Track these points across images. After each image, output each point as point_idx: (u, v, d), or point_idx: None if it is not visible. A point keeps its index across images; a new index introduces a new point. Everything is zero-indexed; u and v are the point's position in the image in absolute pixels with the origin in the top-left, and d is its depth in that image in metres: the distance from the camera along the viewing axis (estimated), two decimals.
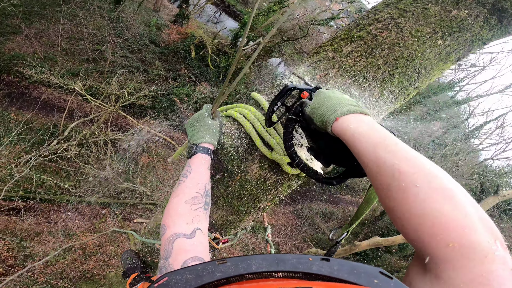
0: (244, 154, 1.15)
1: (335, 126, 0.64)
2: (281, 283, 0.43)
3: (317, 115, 0.70)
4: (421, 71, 0.96)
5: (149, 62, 10.80)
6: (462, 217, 0.43)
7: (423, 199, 0.46)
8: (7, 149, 6.46)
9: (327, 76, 1.01)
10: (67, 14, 10.04)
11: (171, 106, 9.09)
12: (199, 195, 0.86)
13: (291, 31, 12.08)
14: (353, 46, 0.97)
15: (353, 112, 0.64)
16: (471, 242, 0.41)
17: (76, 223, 7.71)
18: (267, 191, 1.30)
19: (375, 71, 0.97)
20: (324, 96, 0.72)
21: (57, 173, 8.00)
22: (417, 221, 0.46)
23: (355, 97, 1.03)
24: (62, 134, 7.48)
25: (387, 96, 1.04)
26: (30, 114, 8.04)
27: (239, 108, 1.14)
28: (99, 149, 7.54)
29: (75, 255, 6.84)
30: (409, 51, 0.91)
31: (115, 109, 6.42)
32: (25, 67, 8.28)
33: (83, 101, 8.71)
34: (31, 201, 6.65)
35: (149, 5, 13.36)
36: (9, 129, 7.10)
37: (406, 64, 0.93)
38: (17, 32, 9.63)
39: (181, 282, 0.43)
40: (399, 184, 0.49)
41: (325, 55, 1.02)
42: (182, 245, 0.72)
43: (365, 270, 0.42)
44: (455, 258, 0.41)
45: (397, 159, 0.51)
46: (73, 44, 10.16)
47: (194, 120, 1.03)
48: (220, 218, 1.42)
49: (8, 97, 8.46)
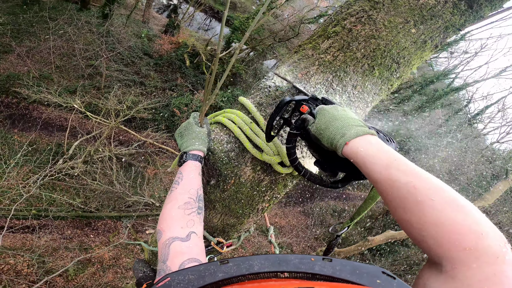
0: (235, 158, 1.17)
1: (346, 150, 0.67)
2: (283, 283, 0.43)
3: (325, 137, 0.72)
4: (400, 60, 0.97)
5: (144, 74, 10.86)
6: (475, 224, 0.48)
7: (439, 210, 0.51)
8: (14, 170, 6.58)
9: (308, 74, 1.03)
10: (56, 31, 10.14)
11: (171, 117, 9.14)
12: (192, 200, 0.89)
13: (282, 31, 12.11)
14: (330, 42, 0.98)
15: (362, 134, 0.67)
16: (484, 245, 0.46)
17: (91, 238, 7.81)
18: (263, 192, 1.31)
19: (355, 65, 0.98)
20: (329, 117, 0.73)
21: (67, 191, 8.13)
22: (435, 229, 0.51)
23: (338, 92, 1.04)
24: (67, 153, 7.59)
25: (370, 88, 1.05)
26: (33, 135, 8.16)
27: (227, 113, 1.16)
28: (104, 165, 7.63)
29: (93, 269, 6.93)
30: (384, 42, 0.92)
31: (116, 124, 6.50)
32: (22, 87, 8.39)
33: (84, 118, 8.81)
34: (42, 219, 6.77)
35: (137, 17, 13.45)
36: (14, 151, 7.22)
37: (383, 55, 0.94)
38: (9, 51, 9.73)
39: (183, 283, 0.43)
40: (416, 199, 0.54)
41: (304, 53, 1.04)
42: (178, 248, 0.75)
43: (368, 270, 0.43)
44: (470, 260, 0.46)
45: (410, 177, 0.57)
46: (67, 61, 10.25)
47: (183, 129, 1.06)
48: (220, 222, 1.43)
49: (9, 119, 8.59)
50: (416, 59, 0.99)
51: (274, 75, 1.12)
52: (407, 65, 1.00)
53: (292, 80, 1.05)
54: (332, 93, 1.03)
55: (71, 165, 7.28)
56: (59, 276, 6.36)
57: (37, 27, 10.22)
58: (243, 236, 1.62)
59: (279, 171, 1.17)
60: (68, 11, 10.64)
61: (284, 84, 1.07)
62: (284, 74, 1.06)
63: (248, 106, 1.11)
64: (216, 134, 1.15)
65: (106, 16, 10.82)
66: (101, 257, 7.18)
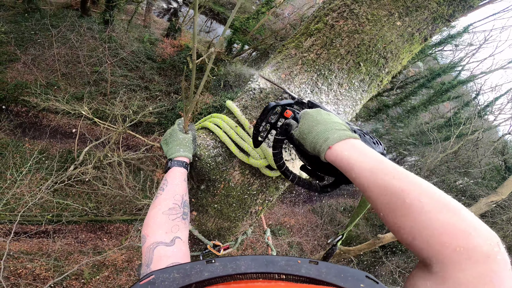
0: (223, 162, 1.15)
1: (329, 155, 0.66)
2: (269, 285, 0.43)
3: (307, 142, 0.70)
4: (387, 55, 0.93)
5: (149, 79, 10.94)
6: (465, 224, 0.48)
7: (428, 211, 0.50)
8: (27, 178, 6.77)
9: (291, 74, 0.99)
10: (59, 38, 10.28)
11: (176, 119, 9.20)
12: (176, 205, 0.89)
13: (283, 30, 12.04)
14: (313, 39, 0.95)
15: (344, 138, 0.65)
16: (474, 245, 0.46)
17: (104, 241, 7.97)
18: (255, 196, 1.28)
19: (339, 62, 0.94)
20: (312, 121, 0.72)
21: (79, 196, 8.31)
22: (425, 231, 0.50)
23: (324, 91, 1.00)
24: (77, 159, 7.75)
25: (358, 85, 1.01)
26: (44, 142, 8.36)
27: (213, 118, 1.14)
28: (114, 170, 7.76)
29: (107, 272, 7.06)
30: (369, 36, 0.87)
31: (124, 130, 6.59)
32: (30, 95, 8.58)
33: (92, 125, 8.96)
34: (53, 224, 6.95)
35: (138, 22, 13.55)
36: (25, 159, 7.42)
37: (369, 50, 0.90)
38: (15, 59, 9.90)
39: (168, 280, 0.42)
40: (404, 201, 0.53)
41: (287, 53, 1.01)
42: (162, 252, 0.75)
43: (352, 274, 0.43)
44: (461, 260, 0.46)
45: (396, 179, 0.55)
46: (72, 68, 10.37)
47: (167, 136, 1.06)
48: (214, 226, 1.42)
49: (19, 127, 8.81)
50: (405, 52, 0.94)
51: (259, 77, 1.09)
52: (396, 60, 0.95)
53: (276, 81, 1.02)
54: (317, 92, 1.00)
55: (82, 171, 7.44)
56: (75, 280, 6.52)
57: (40, 35, 10.39)
58: (240, 238, 1.60)
59: (267, 175, 1.14)
60: (69, 18, 10.79)
61: (268, 85, 1.04)
62: (268, 75, 1.03)
63: (233, 110, 1.09)
64: (203, 139, 1.13)
65: (107, 22, 10.92)
66: (114, 260, 7.31)
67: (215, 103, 9.11)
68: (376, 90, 1.09)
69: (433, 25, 0.87)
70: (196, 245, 1.50)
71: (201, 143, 1.12)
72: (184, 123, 1.05)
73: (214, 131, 1.10)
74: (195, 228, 1.42)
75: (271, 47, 11.50)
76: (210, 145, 1.12)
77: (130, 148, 8.57)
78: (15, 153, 8.04)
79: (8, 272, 5.77)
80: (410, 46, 0.92)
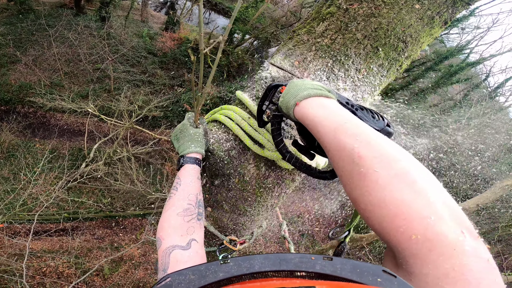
0: (237, 156, 1.12)
1: (296, 112, 0.62)
2: (284, 283, 0.42)
3: (283, 104, 0.69)
4: (407, 39, 0.87)
5: (151, 73, 10.95)
6: (425, 205, 0.39)
7: (382, 186, 0.42)
8: (41, 177, 6.92)
9: (305, 61, 0.95)
10: (57, 37, 10.26)
11: (183, 113, 9.24)
12: (191, 206, 0.86)
13: (283, 18, 11.78)
14: (326, 24, 0.89)
15: (313, 95, 0.61)
16: (436, 234, 0.38)
17: (120, 236, 8.17)
18: (270, 189, 1.26)
19: (356, 47, 0.89)
20: (291, 85, 0.70)
21: (93, 193, 8.50)
22: (379, 211, 0.42)
23: (341, 77, 0.96)
24: (88, 156, 7.88)
25: (377, 71, 0.96)
26: (55, 141, 8.50)
27: (224, 110, 1.11)
28: (124, 165, 7.87)
29: (125, 266, 7.28)
30: (386, 20, 0.82)
31: (131, 125, 6.63)
32: (36, 96, 8.69)
33: (99, 121, 9.06)
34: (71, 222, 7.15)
35: (136, 17, 13.42)
36: (37, 159, 7.57)
37: (387, 34, 0.85)
38: (16, 61, 9.97)
39: (184, 282, 0.43)
40: (359, 170, 0.45)
41: (299, 39, 0.96)
42: (179, 257, 0.73)
43: (368, 269, 0.41)
44: (422, 252, 0.38)
45: (358, 142, 0.47)
46: (74, 66, 10.42)
47: (178, 132, 1.03)
48: (230, 221, 1.41)
49: (29, 128, 8.97)
50: (425, 36, 0.88)
51: (270, 65, 1.05)
52: (416, 44, 0.90)
53: (289, 69, 0.98)
54: (334, 79, 0.95)
55: (94, 168, 7.57)
56: (96, 276, 6.73)
57: (37, 35, 10.39)
58: (256, 232, 1.60)
59: (284, 167, 1.12)
60: (65, 17, 10.75)
61: (280, 74, 1.00)
62: (280, 63, 0.99)
63: (245, 100, 1.05)
64: (214, 133, 1.11)
65: (104, 19, 10.84)
66: (131, 254, 7.50)
67: (219, 94, 9.07)
68: (394, 75, 1.04)
69: (453, 8, 0.82)
70: (212, 240, 1.50)
71: (213, 137, 1.09)
72: (195, 117, 1.02)
73: (226, 124, 1.07)
74: (210, 224, 1.41)
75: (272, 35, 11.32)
76: (222, 138, 1.10)
77: (138, 142, 8.65)
78: (27, 153, 8.21)
79: (33, 271, 5.99)
80: (430, 29, 0.87)
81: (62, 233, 7.26)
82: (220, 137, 1.10)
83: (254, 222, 1.47)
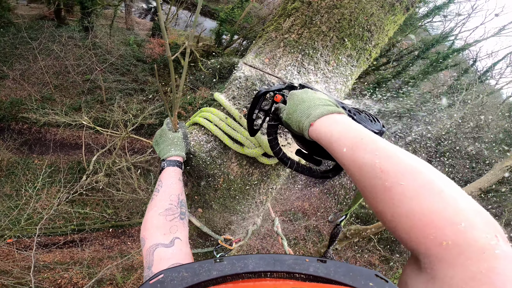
0: (219, 156, 1.14)
1: (311, 132, 0.62)
2: (277, 284, 0.43)
3: (293, 122, 0.68)
4: (371, 28, 0.89)
5: (142, 81, 10.85)
6: (455, 213, 0.40)
7: (409, 197, 0.43)
8: (43, 192, 6.95)
9: (275, 58, 0.97)
10: (42, 50, 10.07)
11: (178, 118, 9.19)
12: (173, 206, 0.88)
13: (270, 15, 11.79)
14: (292, 19, 0.91)
15: (327, 113, 0.61)
16: (466, 238, 0.38)
17: (128, 244, 8.20)
18: (257, 186, 1.28)
19: (322, 39, 0.91)
20: (297, 100, 0.69)
21: (97, 204, 8.52)
22: (407, 222, 0.43)
23: (311, 71, 0.97)
24: (88, 168, 7.89)
25: (346, 61, 0.98)
26: (53, 156, 8.48)
27: (202, 112, 1.13)
28: (124, 175, 7.88)
29: (137, 274, 7.31)
30: (348, 10, 0.84)
31: (127, 135, 6.64)
32: (29, 111, 8.58)
33: (95, 133, 9.02)
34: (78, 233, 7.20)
35: (121, 25, 13.27)
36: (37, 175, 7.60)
37: (350, 24, 0.86)
38: (3, 76, 9.77)
39: (177, 279, 0.43)
40: (383, 184, 0.46)
41: (268, 37, 0.97)
42: (162, 254, 0.75)
43: (361, 273, 0.42)
44: (451, 256, 0.39)
45: (378, 158, 0.48)
46: (63, 79, 10.25)
47: (158, 137, 1.06)
48: (221, 220, 1.42)
49: (25, 145, 8.92)
50: (389, 24, 0.90)
51: (243, 65, 1.06)
52: (381, 32, 0.91)
53: (260, 66, 1.00)
54: (305, 73, 0.97)
55: (95, 179, 7.59)
56: (109, 285, 6.77)
57: (21, 48, 10.20)
58: (251, 230, 1.61)
59: (265, 163, 1.13)
60: (46, 28, 10.56)
61: (253, 72, 1.01)
62: (252, 62, 1.00)
63: (221, 101, 1.07)
64: (195, 135, 1.12)
65: (87, 29, 10.68)
66: (141, 262, 7.52)
67: (211, 97, 9.08)
68: (366, 64, 1.05)
69: None
70: (208, 241, 1.51)
71: (193, 139, 1.11)
72: (172, 122, 1.04)
73: (204, 126, 1.09)
74: (204, 225, 1.43)
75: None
76: (202, 140, 1.11)
77: (136, 152, 8.66)
78: (26, 170, 8.22)
79: (49, 283, 6.03)
80: (393, 16, 0.88)
81: (71, 245, 7.34)
82: (200, 139, 1.11)
83: (246, 220, 1.49)
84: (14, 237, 6.14)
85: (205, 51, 11.03)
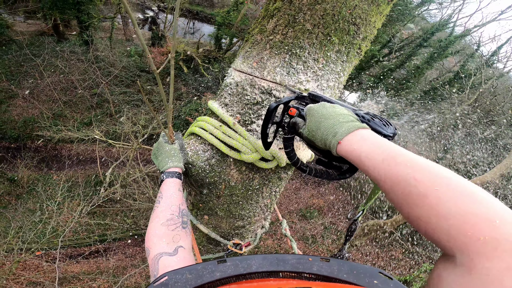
0: (217, 164, 1.14)
1: (340, 150, 0.66)
2: (281, 283, 0.43)
3: (318, 139, 0.71)
4: (356, 21, 0.86)
5: (148, 91, 10.97)
6: (489, 211, 0.45)
7: (445, 200, 0.48)
8: (64, 206, 7.23)
9: (262, 60, 0.95)
10: (47, 66, 10.21)
11: (186, 126, 9.31)
12: (174, 216, 0.90)
13: None
14: (275, 20, 0.90)
15: (353, 130, 0.65)
16: (501, 233, 0.42)
17: None
18: (259, 190, 1.27)
19: (308, 37, 0.89)
20: (319, 117, 0.72)
21: (116, 215, 8.77)
22: (445, 222, 0.47)
23: (301, 70, 0.95)
24: (104, 181, 8.11)
25: (335, 57, 0.96)
26: (70, 171, 8.75)
27: (198, 122, 1.13)
28: (140, 185, 8.06)
29: None
30: (330, 5, 0.81)
31: (138, 146, 6.77)
32: (42, 129, 8.82)
33: (108, 147, 9.22)
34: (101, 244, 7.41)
35: (119, 37, 13.43)
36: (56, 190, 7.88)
37: (334, 19, 0.84)
38: (13, 95, 9.95)
39: (181, 282, 0.43)
40: (419, 191, 0.50)
41: (253, 40, 0.96)
42: (167, 262, 0.78)
43: (365, 271, 0.43)
44: (488, 250, 0.42)
45: (410, 168, 0.53)
46: (71, 95, 10.42)
47: (155, 150, 1.08)
48: (228, 226, 1.42)
49: (43, 162, 9.19)
50: (375, 15, 0.87)
51: (233, 70, 1.06)
52: (368, 24, 0.88)
53: (249, 71, 0.98)
54: (294, 73, 0.95)
55: (112, 191, 7.81)
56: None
57: (26, 65, 10.38)
58: (260, 233, 1.60)
59: (263, 167, 1.12)
60: (47, 44, 10.72)
61: (243, 77, 1.01)
62: (240, 67, 0.99)
63: (214, 109, 1.07)
64: (192, 145, 1.12)
65: (88, 43, 10.78)
66: None
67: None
68: (357, 59, 1.02)
69: None
70: (219, 246, 1.52)
71: (190, 149, 1.11)
72: (168, 134, 1.04)
73: (200, 135, 1.09)
74: (211, 231, 1.43)
75: None
76: (200, 149, 1.11)
77: (149, 161, 8.82)
78: (46, 186, 8.52)
79: None
80: (378, 7, 0.85)
81: (96, 255, 7.61)
82: (197, 148, 1.11)
83: (253, 224, 1.48)
84: (42, 250, 6.41)
85: (206, 56, 11.09)
